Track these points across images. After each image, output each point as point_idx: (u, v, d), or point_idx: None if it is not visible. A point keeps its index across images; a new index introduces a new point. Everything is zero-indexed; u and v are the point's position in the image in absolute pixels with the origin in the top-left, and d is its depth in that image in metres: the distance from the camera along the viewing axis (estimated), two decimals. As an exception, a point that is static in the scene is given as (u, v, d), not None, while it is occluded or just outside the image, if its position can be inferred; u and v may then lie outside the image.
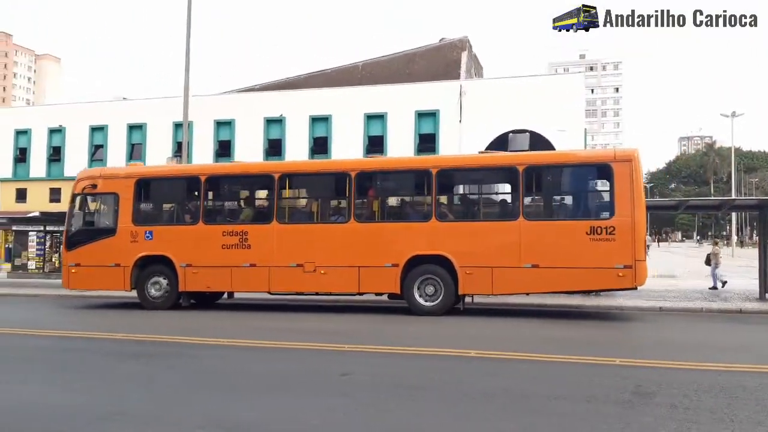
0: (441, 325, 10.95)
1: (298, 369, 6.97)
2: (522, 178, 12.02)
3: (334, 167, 14.93)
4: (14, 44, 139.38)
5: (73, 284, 14.36)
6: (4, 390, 6.01)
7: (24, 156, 38.26)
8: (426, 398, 5.51)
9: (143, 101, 38.46)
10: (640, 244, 11.42)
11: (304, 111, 34.30)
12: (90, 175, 14.93)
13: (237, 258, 13.13)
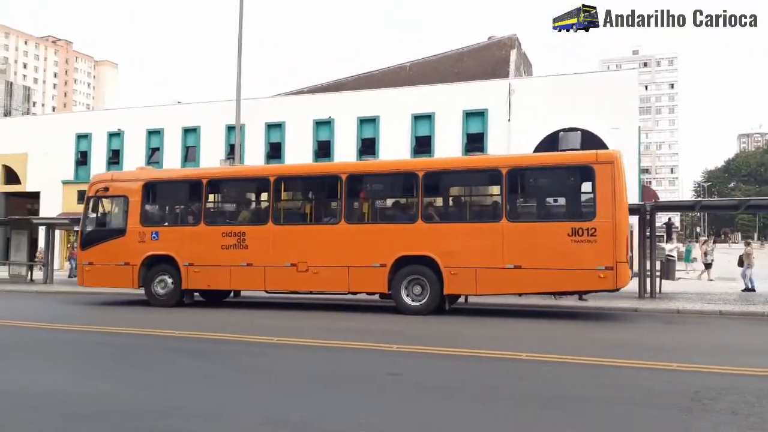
0: (473, 326, 11.05)
1: (348, 368, 7.07)
2: (505, 180, 12.21)
3: (326, 170, 15.79)
4: (74, 51, 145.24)
5: (87, 282, 15.26)
6: (75, 383, 6.30)
7: (85, 159, 39.84)
8: (477, 401, 5.51)
9: (197, 105, 39.51)
10: (622, 245, 11.40)
11: (352, 112, 34.58)
12: (103, 179, 15.92)
13: (235, 258, 13.73)
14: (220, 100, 36.87)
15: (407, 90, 34.69)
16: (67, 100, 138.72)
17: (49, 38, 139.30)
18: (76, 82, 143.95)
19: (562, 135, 30.40)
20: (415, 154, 33.14)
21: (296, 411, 5.18)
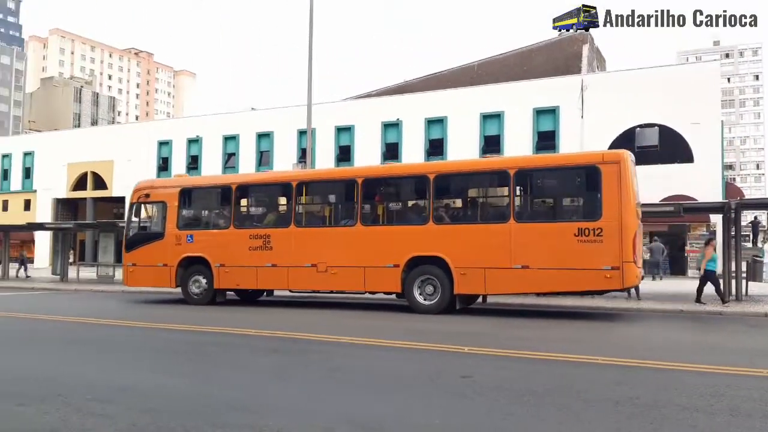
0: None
1: (420, 369, 7.12)
2: (513, 181, 12.46)
3: (343, 175, 16.54)
4: (155, 62, 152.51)
5: (130, 282, 16.38)
6: (164, 379, 6.67)
7: (166, 165, 41.77)
8: (550, 404, 5.45)
9: (270, 111, 40.67)
10: (628, 245, 11.37)
11: (419, 114, 34.65)
12: (144, 186, 16.80)
13: (261, 259, 14.49)
14: (292, 106, 37.83)
15: (475, 89, 34.43)
16: (149, 109, 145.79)
17: (131, 50, 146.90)
18: (157, 92, 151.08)
19: (639, 131, 29.45)
20: (484, 154, 32.83)
21: (371, 410, 5.29)
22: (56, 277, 26.84)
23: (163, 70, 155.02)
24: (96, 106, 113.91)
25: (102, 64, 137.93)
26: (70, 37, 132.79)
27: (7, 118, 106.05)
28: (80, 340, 9.81)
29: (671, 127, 28.54)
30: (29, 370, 7.07)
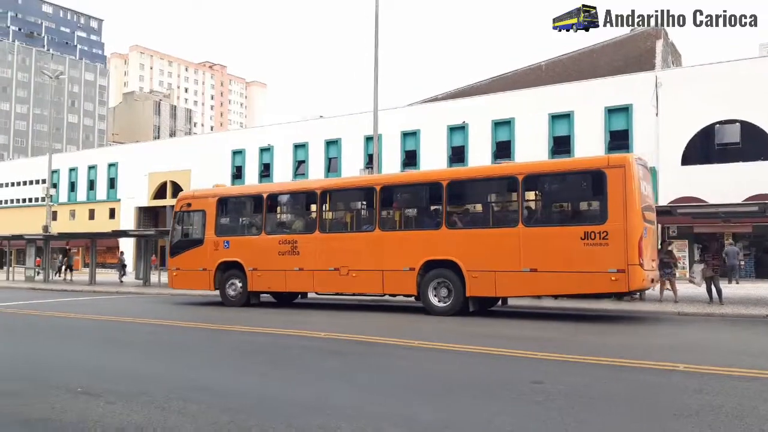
0: (617, 334, 10.37)
1: (488, 374, 7.08)
2: (521, 186, 12.86)
3: (363, 183, 17.24)
4: (228, 74, 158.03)
5: (174, 285, 17.74)
6: (235, 379, 6.93)
7: (240, 173, 43.22)
8: (627, 412, 5.31)
9: (338, 118, 41.37)
10: (634, 248, 11.46)
11: (486, 116, 34.37)
12: (186, 196, 18.05)
13: (290, 263, 15.37)
14: (359, 112, 38.34)
15: (543, 89, 33.84)
16: (223, 120, 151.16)
17: (206, 64, 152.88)
18: (230, 103, 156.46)
19: (719, 128, 28.10)
20: (553, 155, 32.21)
21: (436, 414, 5.30)
22: (139, 281, 28.27)
23: (236, 81, 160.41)
24: (174, 119, 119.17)
25: (179, 78, 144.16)
26: (149, 53, 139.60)
27: (93, 131, 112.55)
28: (160, 342, 10.32)
29: (753, 123, 27.08)
30: (119, 370, 7.49)
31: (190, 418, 5.07)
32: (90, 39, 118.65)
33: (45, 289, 25.22)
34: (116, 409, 5.37)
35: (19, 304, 17.59)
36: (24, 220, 49.23)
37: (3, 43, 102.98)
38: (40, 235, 32.50)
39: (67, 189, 53.38)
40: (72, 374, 7.15)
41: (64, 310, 15.39)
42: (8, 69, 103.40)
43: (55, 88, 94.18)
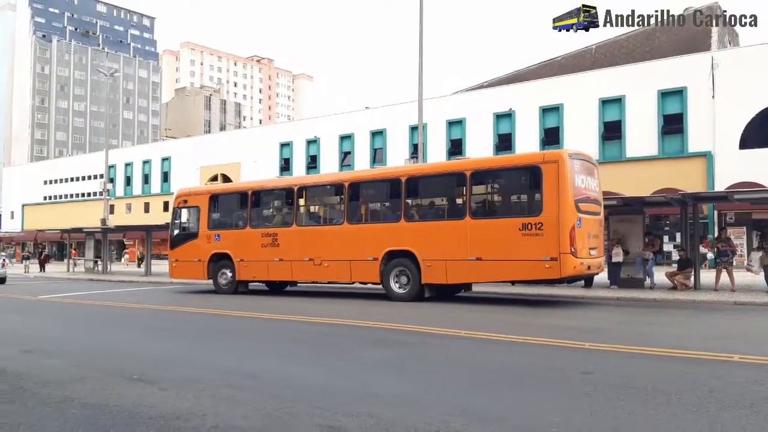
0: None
1: (539, 364, 6.99)
2: (469, 181, 13.84)
3: (333, 180, 18.47)
4: (276, 68, 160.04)
5: (174, 275, 19.40)
6: (278, 366, 7.06)
7: (287, 165, 43.79)
8: (678, 403, 5.15)
9: (383, 108, 41.37)
10: (565, 238, 12.25)
11: (533, 102, 33.74)
12: (183, 193, 19.49)
13: (271, 254, 16.60)
14: (404, 102, 38.23)
15: (593, 74, 33.00)
16: (271, 113, 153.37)
17: (254, 58, 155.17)
18: (278, 96, 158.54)
19: (780, 110, 26.75)
20: (604, 141, 31.42)
21: (487, 404, 5.28)
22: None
23: (283, 75, 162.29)
24: (224, 113, 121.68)
25: (228, 73, 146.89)
26: (199, 49, 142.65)
27: (147, 127, 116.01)
28: (209, 330, 10.63)
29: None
30: (170, 358, 7.77)
31: (239, 405, 5.21)
32: (143, 37, 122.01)
33: (103, 280, 26.23)
34: (169, 395, 5.56)
35: (78, 294, 18.37)
36: (83, 214, 51.23)
37: (61, 42, 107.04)
38: (98, 228, 33.77)
39: (123, 183, 55.23)
40: (127, 361, 7.43)
41: (120, 300, 15.99)
42: (66, 68, 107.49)
43: (111, 85, 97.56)
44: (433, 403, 5.25)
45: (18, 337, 10.07)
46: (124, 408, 5.14)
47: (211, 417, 4.82)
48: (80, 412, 5.08)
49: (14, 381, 6.27)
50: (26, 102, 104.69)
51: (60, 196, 61.40)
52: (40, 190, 63.47)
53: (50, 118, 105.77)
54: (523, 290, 16.69)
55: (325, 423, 4.64)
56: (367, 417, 4.76)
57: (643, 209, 18.28)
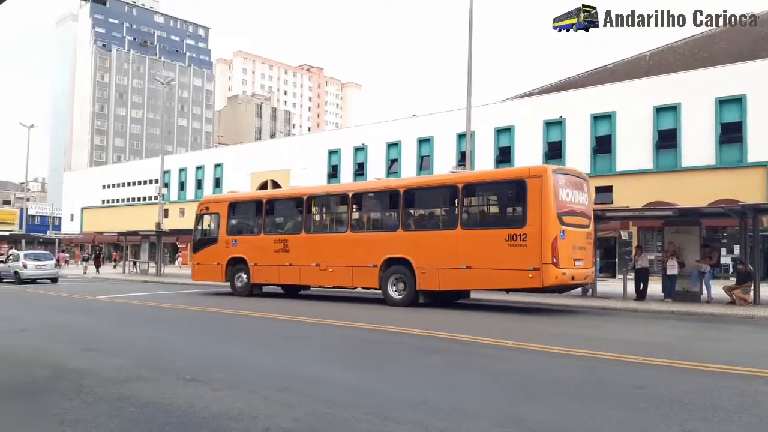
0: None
1: (590, 377, 6.85)
2: (461, 194, 14.69)
3: (338, 190, 19.44)
4: (325, 76, 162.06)
5: (196, 277, 20.51)
6: (326, 370, 7.13)
7: (335, 172, 44.17)
8: (737, 422, 4.98)
9: (430, 116, 41.31)
10: (547, 249, 12.79)
11: (584, 110, 33.12)
12: (205, 201, 21.19)
13: (282, 259, 17.56)
14: (452, 110, 38.11)
15: (647, 81, 32.17)
16: (319, 120, 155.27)
17: (303, 66, 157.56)
18: (326, 104, 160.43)
19: None
20: (658, 150, 30.59)
21: (537, 415, 5.21)
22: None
23: (332, 83, 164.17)
24: (274, 120, 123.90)
25: (279, 81, 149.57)
26: (251, 57, 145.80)
27: (200, 134, 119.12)
28: (255, 332, 10.84)
29: None
30: (221, 359, 7.94)
31: (289, 407, 5.30)
32: (198, 46, 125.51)
33: (156, 282, 27.00)
34: (221, 396, 5.70)
35: (134, 295, 18.99)
36: (139, 217, 52.87)
37: (120, 52, 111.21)
38: (153, 231, 34.83)
39: (177, 188, 56.80)
40: (181, 362, 7.65)
41: (172, 302, 16.46)
42: (124, 77, 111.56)
43: (167, 93, 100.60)
44: (482, 413, 5.21)
45: (79, 335, 10.50)
46: (178, 407, 5.30)
47: (263, 419, 4.92)
48: (137, 410, 5.26)
49: (74, 378, 6.55)
50: (87, 109, 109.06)
51: (117, 200, 63.60)
52: (99, 194, 65.89)
53: (109, 125, 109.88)
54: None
55: (373, 429, 4.68)
56: (416, 425, 4.77)
57: (700, 220, 17.69)
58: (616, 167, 32.11)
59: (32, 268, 26.90)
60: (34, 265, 27.08)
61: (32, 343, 9.36)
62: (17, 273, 26.80)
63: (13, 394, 5.88)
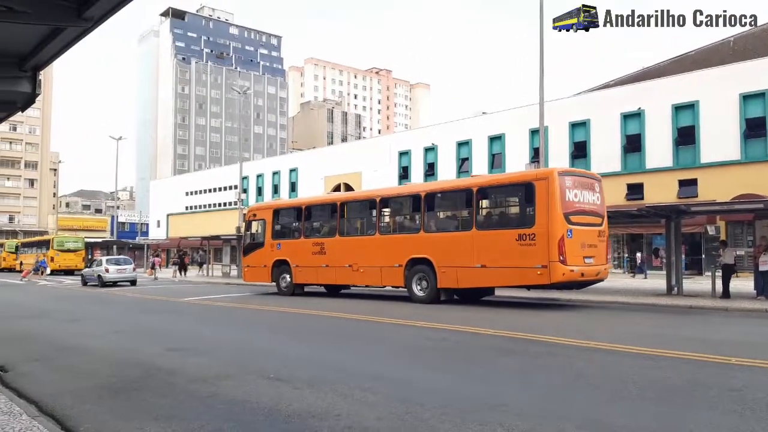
0: None
1: (679, 379, 6.55)
2: (476, 197, 15.48)
3: (367, 196, 20.39)
4: (394, 78, 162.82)
5: (246, 278, 22.12)
6: (403, 370, 7.18)
7: (406, 173, 44.28)
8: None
9: (501, 113, 40.76)
10: (554, 247, 13.51)
11: (665, 101, 31.74)
12: (253, 208, 23.33)
13: (319, 261, 18.86)
14: (523, 106, 37.46)
15: (732, 67, 30.44)
16: (389, 123, 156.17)
17: (372, 70, 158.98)
18: (395, 106, 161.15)
19: None
20: (746, 140, 28.91)
21: (623, 419, 5.05)
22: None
23: (401, 84, 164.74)
24: (345, 124, 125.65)
25: (349, 86, 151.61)
26: (322, 63, 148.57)
27: (275, 140, 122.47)
28: (334, 333, 11.06)
29: None
30: (302, 358, 8.15)
31: (370, 406, 5.39)
32: (271, 55, 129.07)
33: (237, 284, 27.95)
34: (304, 394, 5.87)
35: (216, 297, 19.79)
36: (220, 222, 54.95)
37: (198, 64, 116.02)
38: (233, 235, 36.13)
39: (255, 193, 58.65)
40: (265, 361, 7.92)
41: (251, 303, 17.05)
42: (203, 88, 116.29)
43: (243, 102, 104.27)
44: (566, 415, 5.11)
45: (168, 336, 11.06)
46: (264, 405, 5.50)
47: (345, 417, 5.03)
48: (226, 407, 5.50)
49: (165, 377, 6.92)
50: (170, 120, 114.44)
51: (199, 206, 66.40)
52: (183, 201, 69.01)
53: (190, 135, 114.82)
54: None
55: (456, 430, 4.69)
56: (498, 426, 4.74)
57: (797, 213, 16.61)
58: (700, 159, 30.59)
59: (113, 272, 28.85)
60: (115, 269, 29.05)
61: (126, 344, 9.92)
62: (100, 276, 28.76)
63: (110, 392, 6.26)
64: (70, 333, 11.59)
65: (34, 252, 48.35)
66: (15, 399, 5.80)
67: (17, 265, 49.89)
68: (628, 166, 33.40)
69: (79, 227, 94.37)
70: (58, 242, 46.48)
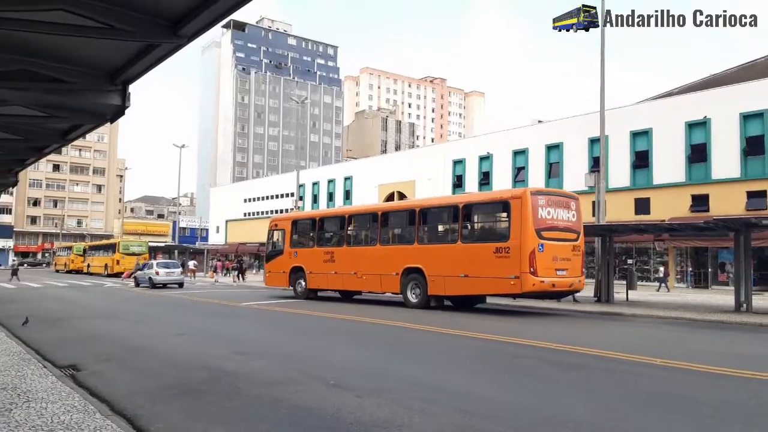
0: None
1: (748, 400, 6.33)
2: (461, 213, 17.09)
3: (371, 210, 21.96)
4: (448, 87, 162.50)
5: (268, 283, 24.36)
6: (464, 382, 7.16)
7: (460, 182, 44.03)
8: None
9: (559, 122, 40.06)
10: (525, 260, 14.84)
11: (732, 109, 30.55)
12: (275, 219, 24.93)
13: (329, 268, 20.60)
14: (582, 114, 36.76)
15: (808, 74, 28.95)
16: (443, 131, 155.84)
17: (426, 78, 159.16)
18: (449, 114, 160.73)
19: None
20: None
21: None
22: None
23: (455, 93, 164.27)
24: (399, 133, 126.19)
25: (403, 95, 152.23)
26: (377, 73, 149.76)
27: (330, 148, 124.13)
28: (393, 341, 11.07)
29: None
30: (362, 366, 8.26)
31: (432, 417, 5.41)
32: (327, 65, 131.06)
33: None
34: (365, 403, 5.94)
35: (274, 302, 20.15)
36: (276, 230, 55.90)
37: (257, 74, 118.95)
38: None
39: (311, 201, 59.57)
40: (325, 368, 8.04)
41: (306, 309, 17.27)
42: (262, 97, 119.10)
43: (300, 111, 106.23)
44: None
45: (229, 340, 11.35)
46: (326, 412, 5.60)
47: (407, 428, 5.06)
48: (289, 412, 5.63)
49: (230, 380, 7.12)
50: (229, 129, 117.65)
51: (257, 213, 67.91)
52: (241, 207, 70.74)
53: (249, 143, 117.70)
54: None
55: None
56: None
57: None
58: (771, 170, 29.25)
59: (163, 275, 30.95)
60: (165, 272, 31.16)
61: (190, 347, 10.24)
62: (151, 279, 30.86)
63: (178, 395, 6.48)
64: (138, 334, 12.05)
65: (101, 255, 50.50)
66: (88, 398, 6.07)
67: (84, 267, 52.22)
68: (693, 176, 32.27)
69: (143, 231, 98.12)
70: (124, 246, 48.39)
